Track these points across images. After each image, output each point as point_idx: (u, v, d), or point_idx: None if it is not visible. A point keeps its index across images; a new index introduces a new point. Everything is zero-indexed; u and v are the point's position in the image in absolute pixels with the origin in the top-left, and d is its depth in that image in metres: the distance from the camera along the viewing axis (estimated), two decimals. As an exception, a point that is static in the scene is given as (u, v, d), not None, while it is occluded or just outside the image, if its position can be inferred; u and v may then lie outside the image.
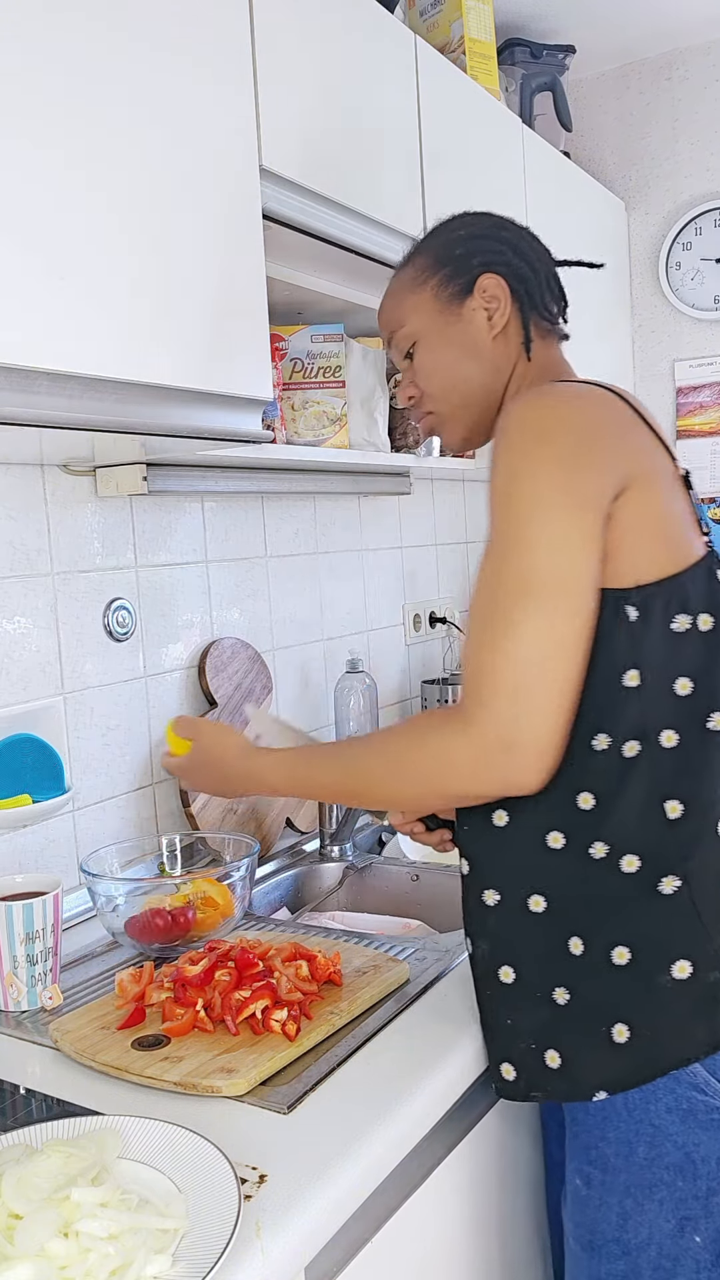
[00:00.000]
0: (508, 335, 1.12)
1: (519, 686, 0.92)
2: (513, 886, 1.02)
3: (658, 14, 2.36)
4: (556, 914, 1.00)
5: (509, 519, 0.96)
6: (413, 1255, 1.01)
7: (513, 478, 0.96)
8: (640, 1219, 0.99)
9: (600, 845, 0.97)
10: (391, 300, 1.17)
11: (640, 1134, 0.98)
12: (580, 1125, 1.02)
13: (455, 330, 1.12)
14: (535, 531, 0.94)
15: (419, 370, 1.14)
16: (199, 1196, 0.80)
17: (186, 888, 1.31)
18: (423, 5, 1.94)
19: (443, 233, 1.16)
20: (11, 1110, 1.00)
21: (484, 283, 1.11)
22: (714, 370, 2.57)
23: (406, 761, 0.99)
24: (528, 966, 1.02)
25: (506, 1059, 1.04)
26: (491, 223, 1.15)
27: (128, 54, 1.04)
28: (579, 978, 0.98)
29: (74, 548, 1.50)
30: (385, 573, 2.27)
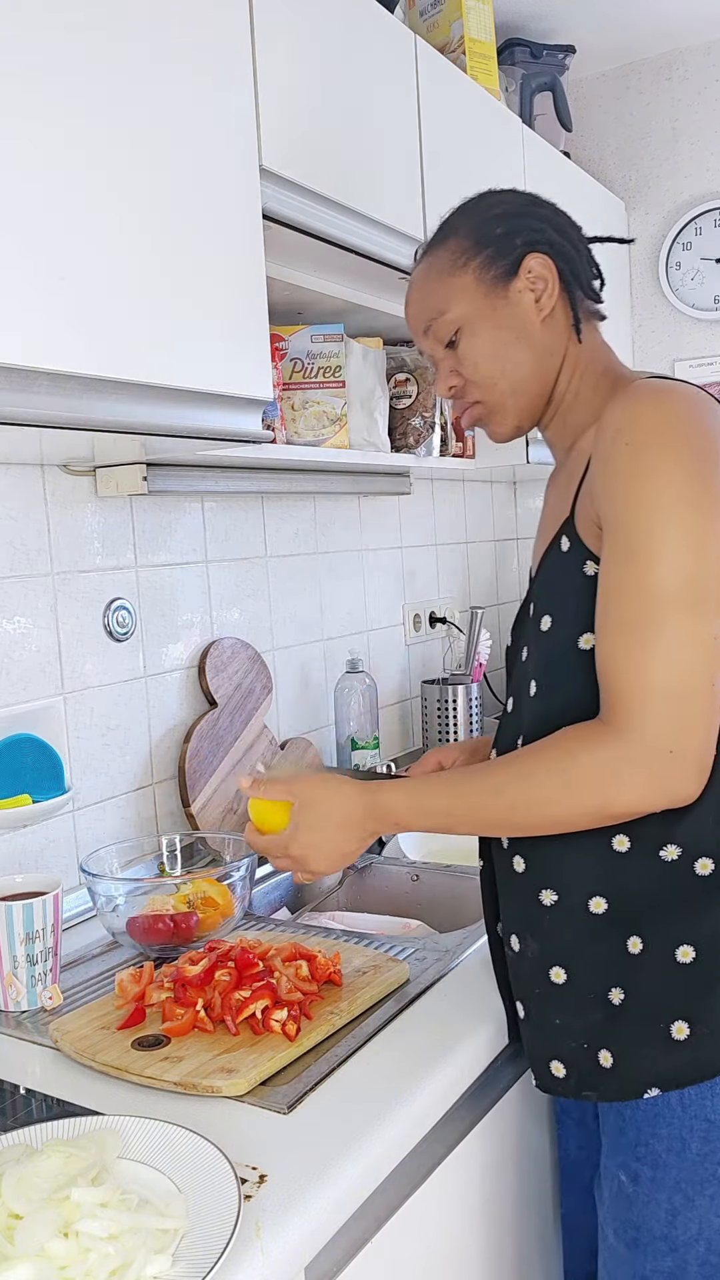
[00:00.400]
0: (555, 318, 1.07)
1: (673, 692, 0.90)
2: (573, 887, 1.01)
3: (658, 14, 2.36)
4: (617, 915, 0.99)
5: (643, 523, 0.92)
6: (413, 1255, 1.01)
7: (642, 479, 0.93)
8: (690, 1215, 0.99)
9: (673, 848, 0.97)
10: (426, 287, 1.10)
11: (694, 1130, 0.98)
12: (627, 1122, 1.01)
13: (503, 314, 1.06)
14: (672, 534, 0.91)
15: (464, 358, 1.08)
16: (199, 1196, 0.80)
17: (186, 888, 1.31)
18: (423, 5, 1.94)
19: (475, 212, 1.10)
20: (11, 1110, 1.00)
21: (530, 263, 1.06)
22: (714, 370, 2.57)
23: (560, 777, 0.93)
24: (581, 968, 1.01)
25: (556, 1057, 1.03)
26: (526, 199, 1.11)
27: (128, 54, 1.04)
28: (636, 977, 0.99)
29: (74, 548, 1.50)
30: (385, 573, 2.27)
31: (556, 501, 1.09)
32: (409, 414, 1.98)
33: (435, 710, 2.21)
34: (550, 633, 1.04)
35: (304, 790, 1.07)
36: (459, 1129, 1.09)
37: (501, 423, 1.11)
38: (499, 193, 1.12)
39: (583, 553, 1.00)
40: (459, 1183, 1.09)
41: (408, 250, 1.60)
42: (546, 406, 1.10)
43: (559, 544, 1.04)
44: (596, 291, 1.11)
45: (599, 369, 1.09)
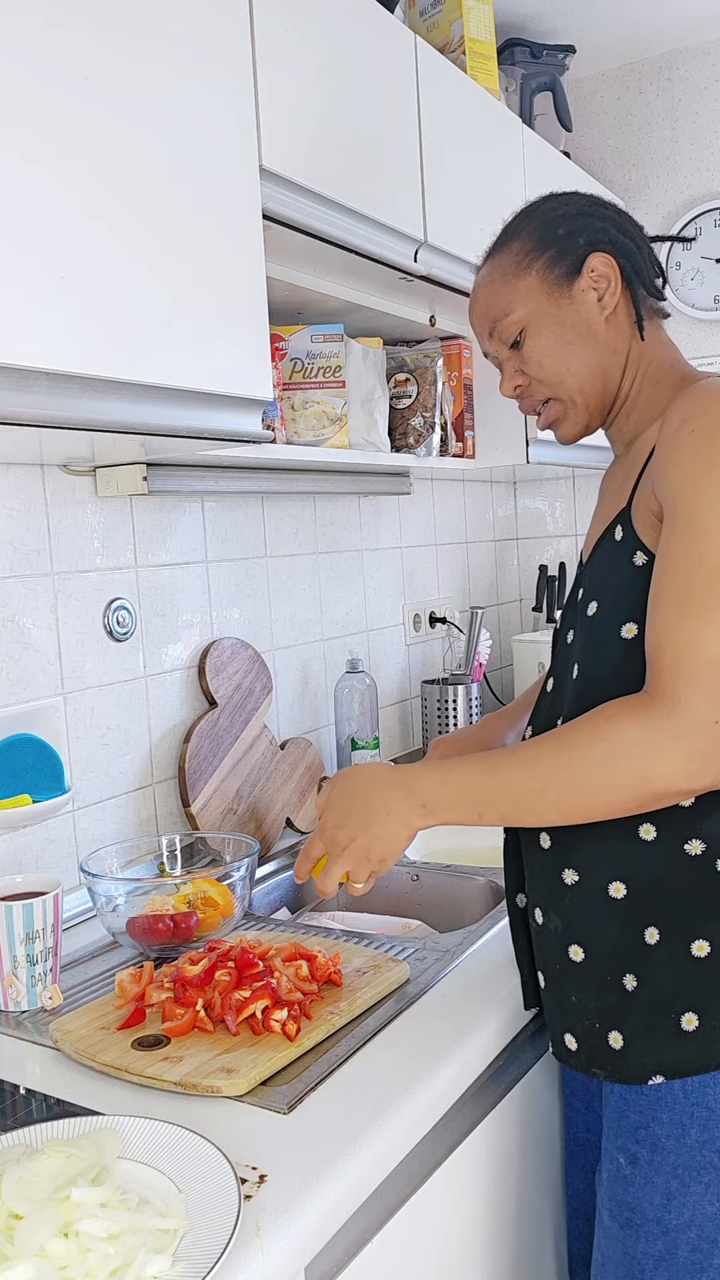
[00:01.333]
0: (618, 316, 1.09)
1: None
2: (595, 870, 1.03)
3: (658, 14, 2.36)
4: (636, 902, 1.01)
5: (703, 503, 0.93)
6: (414, 1255, 1.01)
7: (704, 464, 0.94)
8: (684, 1200, 1.00)
9: (697, 843, 0.99)
10: (491, 289, 1.12)
11: (695, 1117, 1.00)
12: (630, 1105, 1.03)
13: (567, 313, 1.08)
14: None
15: (529, 358, 1.10)
16: (199, 1196, 0.80)
17: (186, 888, 1.31)
18: (423, 5, 1.94)
19: (537, 214, 1.12)
20: (11, 1110, 1.00)
21: (593, 262, 1.07)
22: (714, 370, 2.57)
23: (600, 749, 0.92)
24: (598, 950, 1.03)
25: (569, 1031, 1.07)
26: (588, 200, 1.12)
27: (128, 54, 1.04)
28: (650, 966, 1.00)
29: (74, 548, 1.50)
30: (385, 573, 2.27)
31: (614, 492, 1.11)
32: (409, 414, 1.98)
33: (435, 710, 2.21)
34: (595, 618, 1.05)
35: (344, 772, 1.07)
36: (460, 1128, 1.09)
37: (575, 421, 1.13)
38: (561, 195, 1.14)
39: (634, 543, 1.02)
40: (460, 1182, 1.09)
41: (408, 250, 1.60)
42: (613, 404, 1.12)
43: (613, 533, 1.06)
44: (659, 289, 1.12)
45: (664, 367, 1.10)
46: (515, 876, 1.16)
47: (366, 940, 1.33)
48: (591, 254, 1.07)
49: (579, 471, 2.74)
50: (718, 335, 2.58)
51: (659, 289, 1.12)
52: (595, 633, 1.05)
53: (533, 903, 1.11)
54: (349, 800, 1.04)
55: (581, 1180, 1.23)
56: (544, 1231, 1.27)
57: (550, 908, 1.07)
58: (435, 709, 2.21)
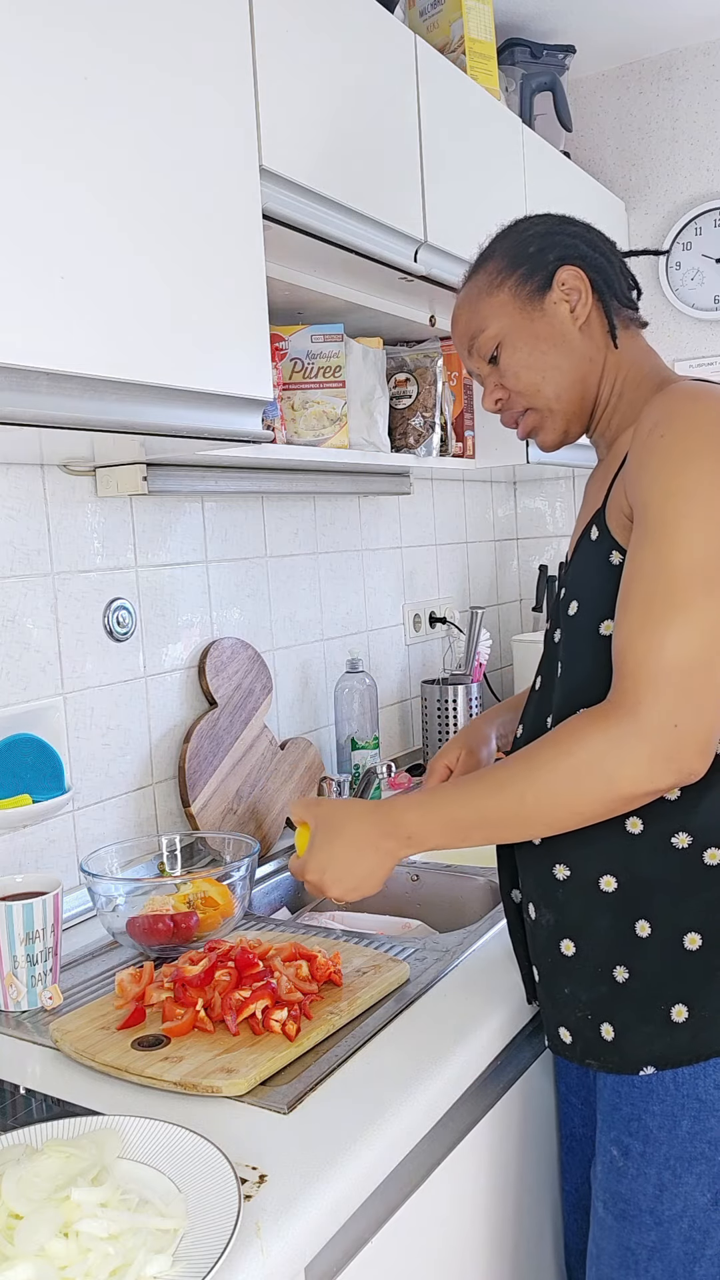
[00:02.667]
0: (591, 326, 1.12)
1: (683, 670, 0.91)
2: (585, 864, 1.04)
3: (658, 14, 2.36)
4: (626, 895, 1.02)
5: (671, 508, 0.94)
6: (413, 1255, 1.01)
7: (674, 467, 0.95)
8: (676, 1191, 1.02)
9: (684, 836, 1.00)
10: (468, 308, 1.16)
11: (686, 1108, 1.01)
12: (622, 1098, 1.04)
13: (540, 325, 1.11)
14: (699, 519, 0.93)
15: (505, 371, 1.13)
16: (199, 1196, 0.80)
17: (186, 888, 1.31)
18: (423, 5, 1.94)
19: (510, 235, 1.16)
20: (11, 1110, 1.00)
21: (562, 275, 1.11)
22: (714, 370, 2.57)
23: (566, 761, 0.94)
24: (590, 943, 1.05)
25: (563, 1024, 1.08)
26: (557, 219, 1.16)
27: (128, 54, 1.04)
28: (641, 959, 1.02)
29: (74, 548, 1.50)
30: (385, 573, 2.27)
31: (593, 494, 1.14)
32: (409, 414, 1.98)
33: (435, 710, 2.21)
34: (575, 617, 1.07)
35: (321, 810, 1.08)
36: (459, 1128, 1.09)
37: (552, 428, 1.15)
38: (533, 217, 1.18)
39: (609, 543, 1.04)
40: (459, 1181, 1.09)
41: (408, 250, 1.60)
42: (593, 412, 1.15)
43: (589, 533, 1.08)
44: (632, 300, 1.15)
45: (642, 372, 1.13)
46: (509, 872, 1.17)
47: (366, 940, 1.33)
48: (561, 267, 1.11)
49: (579, 471, 2.75)
50: (718, 335, 2.58)
51: (631, 299, 1.14)
52: (576, 631, 1.07)
53: (526, 898, 1.12)
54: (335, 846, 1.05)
55: (578, 1175, 1.24)
56: (543, 1228, 1.27)
57: (542, 903, 1.09)
58: (435, 709, 2.21)
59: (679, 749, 0.92)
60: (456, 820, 1.00)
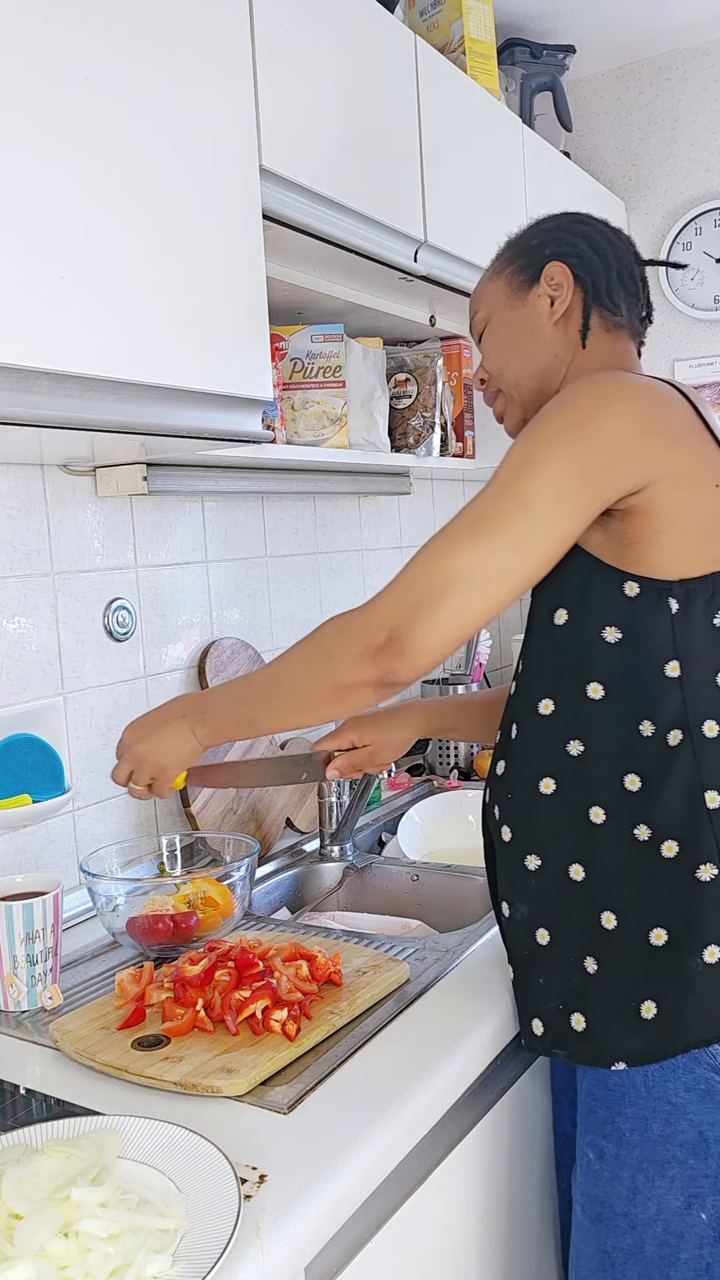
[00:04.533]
0: (569, 323, 1.14)
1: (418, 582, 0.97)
2: (554, 853, 1.06)
3: (658, 14, 2.36)
4: (595, 885, 1.03)
5: (505, 463, 0.99)
6: (414, 1254, 1.01)
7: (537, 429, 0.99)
8: (650, 1194, 1.02)
9: (644, 828, 1.01)
10: (477, 290, 1.23)
11: (657, 1111, 1.01)
12: (597, 1100, 1.04)
13: (519, 314, 1.16)
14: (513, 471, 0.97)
15: (485, 351, 1.19)
16: (199, 1196, 0.80)
17: (186, 888, 1.31)
18: (423, 5, 1.94)
19: (530, 228, 1.20)
20: (11, 1110, 1.00)
21: (550, 270, 1.14)
22: (714, 370, 2.57)
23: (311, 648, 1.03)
24: (564, 932, 1.06)
25: (537, 1015, 1.09)
26: (574, 218, 1.19)
27: (128, 55, 1.04)
28: (608, 951, 1.02)
29: (74, 548, 1.50)
30: (385, 573, 2.27)
31: None
32: (409, 414, 1.98)
33: (435, 710, 2.21)
34: (532, 613, 1.10)
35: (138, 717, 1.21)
36: (459, 1129, 1.09)
37: (512, 415, 1.20)
38: (557, 214, 1.21)
39: None
40: (459, 1182, 1.09)
41: (408, 250, 1.60)
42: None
43: None
44: (618, 305, 1.15)
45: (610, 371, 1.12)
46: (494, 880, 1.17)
47: (366, 940, 1.33)
48: (550, 263, 1.14)
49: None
50: (718, 335, 2.58)
51: (617, 305, 1.15)
52: (532, 622, 1.10)
53: (500, 897, 1.13)
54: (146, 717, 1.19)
55: (569, 1176, 1.23)
56: (544, 1228, 1.28)
57: (516, 897, 1.10)
58: (435, 709, 2.21)
59: (388, 649, 0.97)
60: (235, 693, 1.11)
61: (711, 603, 1.00)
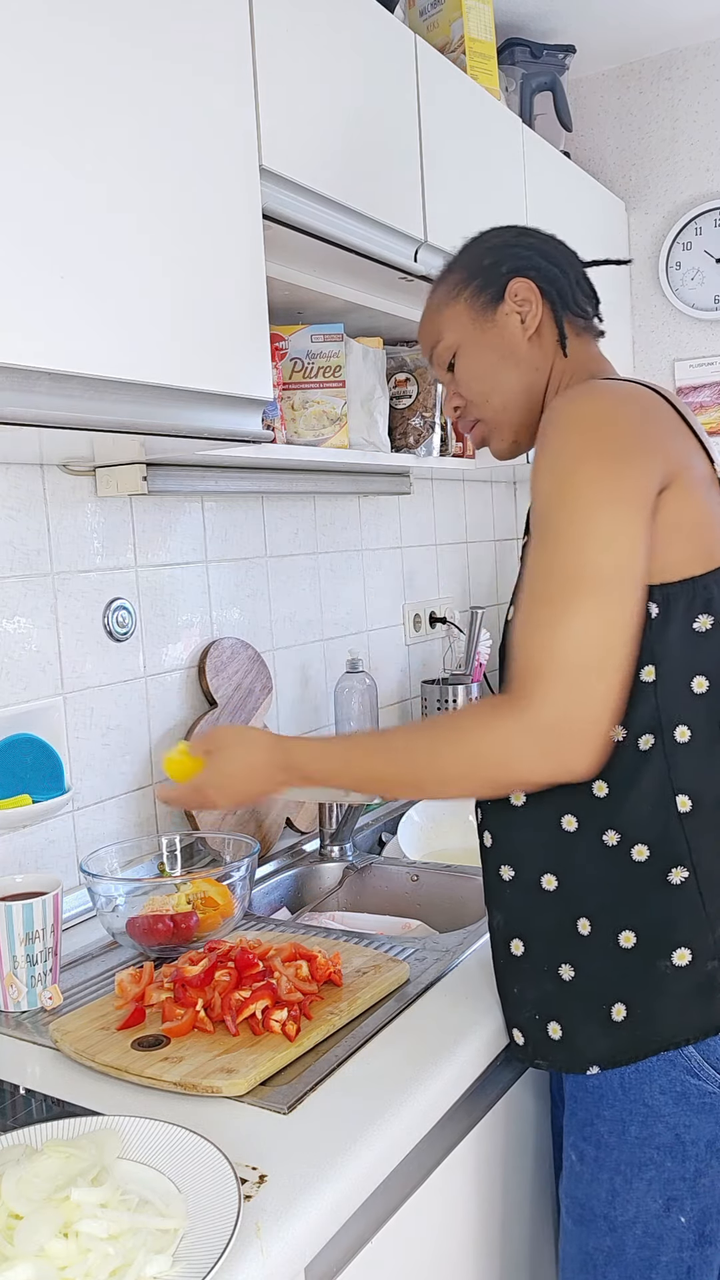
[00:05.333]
0: (542, 336, 1.14)
1: (573, 668, 0.93)
2: (527, 864, 1.06)
3: (658, 14, 2.36)
4: (567, 894, 1.03)
5: (560, 513, 0.97)
6: (413, 1255, 1.01)
7: (562, 473, 0.98)
8: (628, 1197, 1.02)
9: (612, 833, 1.01)
10: (428, 318, 1.20)
11: (634, 1113, 1.01)
12: (578, 1102, 1.05)
13: (491, 336, 1.14)
14: (588, 526, 0.95)
15: (460, 380, 1.17)
16: (199, 1197, 0.80)
17: (186, 888, 1.31)
18: (423, 5, 1.94)
19: (471, 248, 1.19)
20: (11, 1110, 1.00)
21: (514, 287, 1.13)
22: (714, 370, 2.57)
23: (462, 747, 0.98)
24: (536, 941, 1.06)
25: (516, 1025, 1.09)
26: (516, 232, 1.19)
27: (128, 55, 1.04)
28: (584, 957, 1.02)
29: (74, 548, 1.50)
30: (385, 573, 2.27)
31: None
32: (409, 414, 1.98)
33: (435, 710, 2.21)
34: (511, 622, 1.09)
35: (221, 736, 1.14)
36: (459, 1129, 1.09)
37: (501, 438, 1.19)
38: (495, 229, 1.21)
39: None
40: (459, 1182, 1.09)
41: (408, 250, 1.60)
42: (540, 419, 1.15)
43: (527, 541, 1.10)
44: (585, 309, 1.16)
45: (584, 377, 1.13)
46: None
47: (366, 940, 1.33)
48: (513, 279, 1.13)
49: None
50: (718, 335, 2.58)
51: (584, 309, 1.16)
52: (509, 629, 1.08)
53: (485, 901, 1.13)
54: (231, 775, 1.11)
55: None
56: (542, 1228, 1.27)
57: (493, 904, 1.11)
58: (435, 709, 2.21)
59: (561, 745, 0.94)
60: (351, 773, 1.06)
61: (692, 607, 1.00)
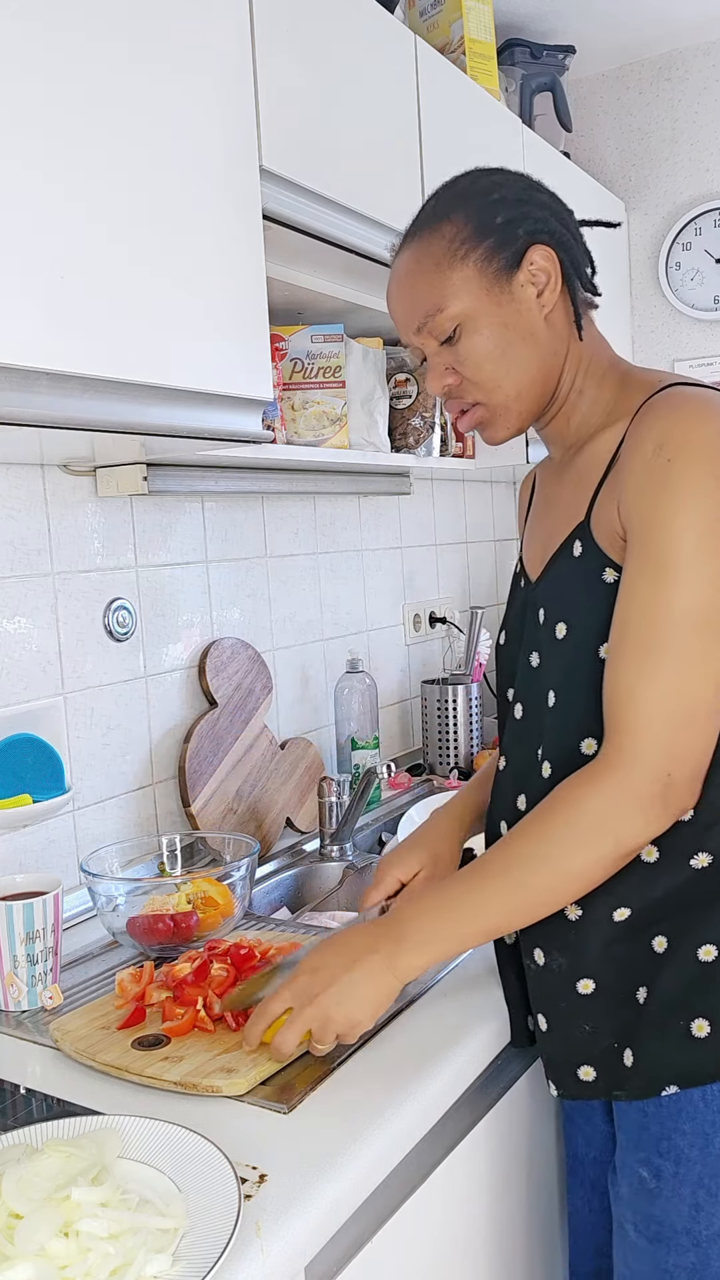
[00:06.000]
0: (555, 314, 1.03)
1: (673, 719, 0.90)
2: (598, 903, 0.99)
3: (658, 14, 2.36)
4: (641, 919, 0.99)
5: (673, 543, 0.90)
6: (414, 1255, 1.01)
7: (680, 500, 0.90)
8: (714, 1210, 0.98)
9: (704, 855, 0.97)
10: (421, 278, 1.02)
11: (717, 1125, 0.97)
12: (650, 1118, 1.00)
13: (508, 311, 1.00)
14: (702, 559, 0.90)
15: (466, 358, 1.02)
16: (199, 1196, 0.80)
17: (186, 887, 1.31)
18: (423, 5, 1.94)
19: (472, 195, 1.02)
20: (11, 1110, 1.00)
21: (533, 255, 1.00)
22: (714, 370, 2.57)
23: (578, 832, 0.92)
24: (609, 975, 1.00)
25: (585, 1063, 1.03)
26: (524, 184, 1.04)
27: (128, 55, 1.04)
28: (660, 975, 0.98)
29: (74, 548, 1.50)
30: (385, 573, 2.27)
31: (565, 502, 1.07)
32: (409, 414, 1.98)
33: (435, 710, 2.22)
34: (567, 641, 1.02)
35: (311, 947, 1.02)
36: (459, 1128, 1.09)
37: (505, 426, 1.06)
38: (493, 174, 1.05)
39: (600, 559, 0.99)
40: (459, 1182, 1.09)
41: (408, 250, 1.60)
42: (548, 406, 1.08)
43: (571, 548, 1.03)
44: (594, 283, 1.07)
45: (604, 365, 1.07)
46: None
47: (366, 940, 1.33)
48: (532, 246, 1.00)
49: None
50: (718, 335, 2.58)
51: (594, 284, 1.07)
52: (570, 656, 1.01)
53: (530, 943, 1.06)
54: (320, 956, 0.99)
55: (582, 1198, 1.21)
56: (543, 1230, 1.27)
57: (552, 946, 1.03)
58: (435, 709, 2.21)
59: (672, 794, 0.91)
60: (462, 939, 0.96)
61: None
